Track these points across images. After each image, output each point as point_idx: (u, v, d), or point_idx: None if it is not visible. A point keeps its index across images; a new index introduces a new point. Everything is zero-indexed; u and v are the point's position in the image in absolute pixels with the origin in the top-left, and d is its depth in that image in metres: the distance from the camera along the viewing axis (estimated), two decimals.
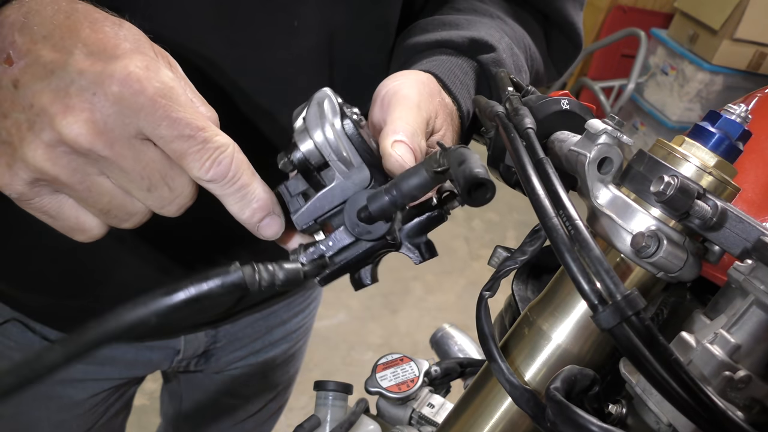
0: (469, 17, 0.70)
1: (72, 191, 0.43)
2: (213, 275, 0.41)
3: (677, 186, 0.41)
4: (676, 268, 0.44)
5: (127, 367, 0.93)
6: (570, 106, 0.54)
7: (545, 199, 0.38)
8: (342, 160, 0.48)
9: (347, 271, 0.49)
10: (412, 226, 0.50)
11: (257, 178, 0.45)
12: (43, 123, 0.40)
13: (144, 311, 0.39)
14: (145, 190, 0.43)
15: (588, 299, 0.35)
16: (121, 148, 0.41)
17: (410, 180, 0.44)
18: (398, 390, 0.75)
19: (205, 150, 0.42)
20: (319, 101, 0.48)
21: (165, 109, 0.40)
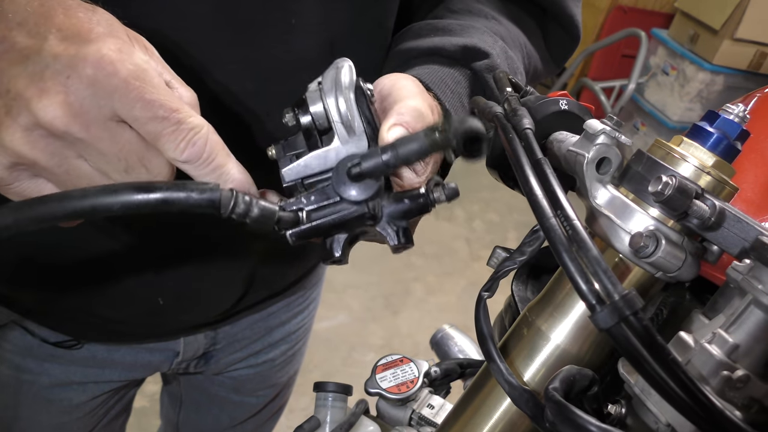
0: (462, 21, 0.70)
1: (51, 175, 0.43)
2: (191, 185, 0.40)
3: (675, 186, 0.41)
4: (675, 267, 0.44)
5: (127, 369, 0.93)
6: (568, 107, 0.54)
7: (543, 200, 0.38)
8: (346, 126, 0.48)
9: (321, 232, 0.48)
10: (395, 209, 0.49)
11: (232, 159, 0.45)
12: (20, 107, 0.41)
13: (111, 198, 0.38)
14: (122, 172, 0.44)
15: (586, 299, 0.35)
16: (97, 130, 0.41)
17: (408, 144, 0.44)
18: (398, 391, 0.75)
19: (179, 131, 0.42)
20: (339, 67, 0.49)
21: (138, 91, 0.41)
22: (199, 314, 0.88)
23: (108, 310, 0.81)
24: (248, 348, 1.04)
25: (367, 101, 0.50)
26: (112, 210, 0.38)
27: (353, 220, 0.48)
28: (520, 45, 0.72)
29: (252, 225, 0.43)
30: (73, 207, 0.37)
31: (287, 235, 0.47)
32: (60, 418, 0.92)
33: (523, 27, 0.75)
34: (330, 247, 0.49)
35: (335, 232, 0.49)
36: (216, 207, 0.41)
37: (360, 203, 0.47)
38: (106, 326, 0.84)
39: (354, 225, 0.48)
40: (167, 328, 0.90)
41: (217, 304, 0.87)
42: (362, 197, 0.46)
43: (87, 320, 0.82)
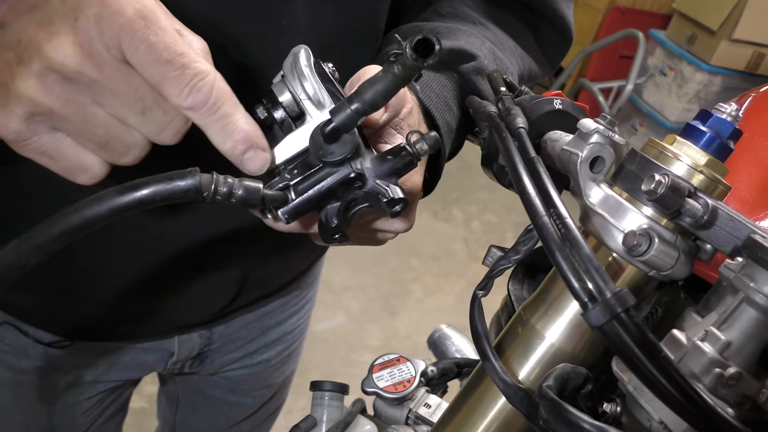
0: (449, 24, 0.70)
1: (68, 124, 0.43)
2: (170, 175, 0.40)
3: (668, 184, 0.42)
4: (668, 266, 0.44)
5: (122, 369, 0.93)
6: (563, 106, 0.54)
7: (536, 198, 0.38)
8: (314, 101, 0.48)
9: (312, 204, 0.48)
10: (382, 168, 0.49)
11: (240, 109, 0.44)
12: (32, 54, 0.40)
13: (99, 206, 0.38)
14: (139, 114, 0.43)
15: (578, 297, 0.35)
16: (110, 70, 0.41)
17: (371, 87, 0.44)
18: (395, 390, 0.75)
19: (184, 76, 0.41)
20: (295, 53, 0.50)
21: (144, 31, 0.40)
22: (193, 314, 0.88)
23: (102, 312, 0.81)
24: (243, 348, 1.03)
25: (330, 78, 0.50)
26: (102, 216, 0.38)
27: (340, 184, 0.48)
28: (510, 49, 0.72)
29: (239, 205, 0.43)
30: (63, 227, 0.38)
31: (280, 215, 0.47)
32: (55, 418, 0.92)
33: (512, 31, 0.75)
34: (325, 220, 0.49)
35: (326, 203, 0.49)
36: (198, 191, 0.40)
37: (342, 163, 0.47)
38: (100, 326, 0.84)
39: (343, 190, 0.48)
40: (161, 327, 0.90)
41: (211, 304, 0.87)
42: (342, 155, 0.46)
43: (80, 321, 0.82)
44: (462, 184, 3.72)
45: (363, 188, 0.49)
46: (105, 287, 0.78)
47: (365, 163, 0.49)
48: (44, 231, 0.38)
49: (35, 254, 0.38)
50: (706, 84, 3.90)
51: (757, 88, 0.74)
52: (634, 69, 4.00)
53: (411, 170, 0.50)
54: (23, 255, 0.37)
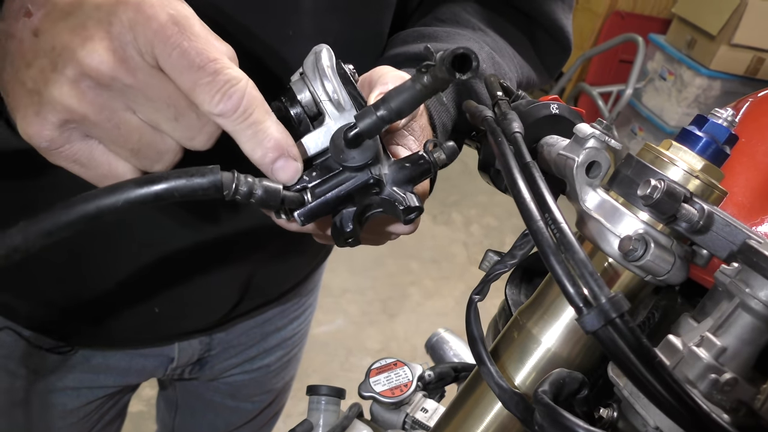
0: (449, 29, 0.70)
1: (101, 131, 0.42)
2: (191, 171, 0.40)
3: (664, 189, 0.42)
4: (664, 271, 0.44)
5: (121, 374, 0.93)
6: (559, 111, 0.54)
7: (531, 203, 0.38)
8: (335, 103, 0.48)
9: (328, 208, 0.47)
10: (399, 175, 0.49)
11: (272, 116, 0.44)
12: (65, 60, 0.40)
13: (115, 196, 0.38)
14: (172, 120, 0.43)
15: (573, 302, 0.35)
16: (143, 76, 0.41)
17: (398, 94, 0.44)
18: (392, 395, 0.75)
19: (215, 82, 0.41)
20: (317, 52, 0.50)
21: (177, 38, 0.40)
22: (194, 321, 0.88)
23: (103, 318, 0.81)
24: (243, 354, 1.03)
25: (350, 79, 0.50)
26: (117, 207, 0.38)
27: (358, 189, 0.48)
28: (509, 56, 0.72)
29: (258, 205, 0.43)
30: (77, 213, 0.37)
31: (296, 216, 0.47)
32: (54, 423, 0.92)
33: (511, 39, 0.75)
34: (340, 224, 0.49)
35: (342, 207, 0.48)
36: (219, 189, 0.40)
37: (362, 168, 0.47)
38: (100, 332, 0.84)
39: (360, 195, 0.48)
40: (162, 334, 0.90)
41: (213, 311, 0.87)
42: (363, 161, 0.46)
43: (81, 327, 0.82)
44: (461, 187, 3.72)
45: (380, 194, 0.49)
46: (107, 293, 0.78)
47: (383, 169, 0.49)
48: (56, 216, 0.37)
49: (43, 239, 0.37)
50: (706, 88, 3.90)
51: (755, 93, 0.74)
52: (634, 73, 4.00)
53: (427, 178, 0.50)
54: (30, 238, 0.37)
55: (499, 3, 0.76)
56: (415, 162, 0.49)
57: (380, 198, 0.49)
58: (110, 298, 0.78)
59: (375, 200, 0.49)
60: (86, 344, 0.87)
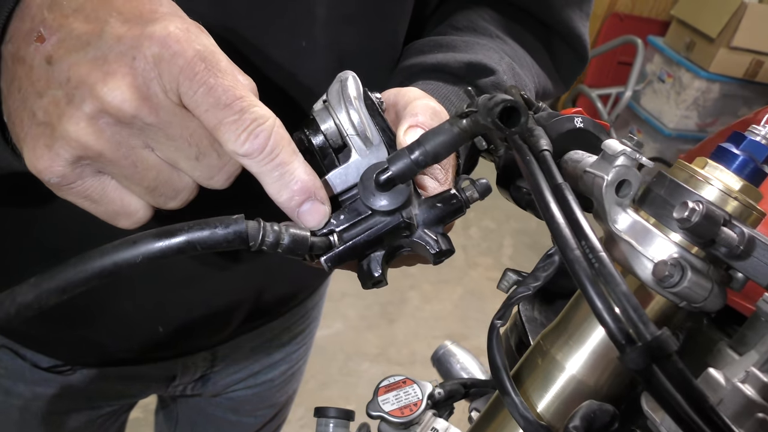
0: (466, 38, 0.68)
1: (117, 168, 0.40)
2: (213, 222, 0.38)
3: (703, 213, 0.39)
4: (701, 298, 0.41)
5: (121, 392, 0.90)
6: (584, 125, 0.52)
7: (566, 228, 0.35)
8: (362, 137, 0.46)
9: (356, 252, 0.45)
10: (429, 215, 0.47)
11: (299, 157, 0.42)
12: (83, 94, 0.37)
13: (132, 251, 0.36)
14: (193, 159, 0.41)
15: (614, 339, 0.33)
16: (166, 115, 0.39)
17: (435, 137, 0.41)
18: (401, 414, 0.72)
19: (242, 121, 0.39)
20: (342, 80, 0.47)
21: (203, 74, 0.38)
22: (199, 339, 0.86)
23: (105, 338, 0.78)
24: (247, 369, 1.00)
25: (378, 110, 0.48)
26: (136, 263, 0.36)
27: (388, 233, 0.45)
28: (528, 65, 0.70)
29: (284, 254, 0.41)
30: (93, 269, 0.35)
31: (322, 263, 0.44)
32: None
33: (529, 47, 0.72)
34: (368, 269, 0.46)
35: (371, 251, 0.46)
36: (244, 240, 0.38)
37: (393, 213, 0.44)
38: (101, 352, 0.81)
39: (390, 239, 0.46)
40: (165, 352, 0.87)
41: (218, 329, 0.85)
42: (394, 205, 0.44)
43: (80, 346, 0.79)
44: None
45: (410, 237, 0.46)
46: (108, 313, 0.75)
47: (413, 210, 0.46)
48: (70, 272, 0.35)
49: (56, 296, 0.35)
50: (705, 91, 3.89)
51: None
52: (633, 75, 3.98)
53: (459, 218, 0.48)
54: (43, 296, 0.35)
55: (515, 10, 0.73)
56: (447, 201, 0.47)
57: (410, 240, 0.47)
58: (112, 318, 0.75)
59: (404, 242, 0.47)
60: (86, 363, 0.84)
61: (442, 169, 0.49)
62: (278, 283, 0.84)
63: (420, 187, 0.49)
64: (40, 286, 0.34)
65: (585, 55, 0.76)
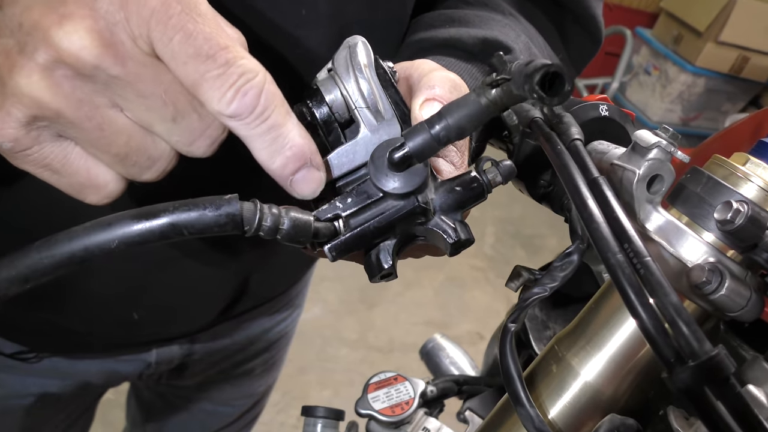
0: (480, 13, 0.63)
1: (80, 131, 0.35)
2: (202, 202, 0.33)
3: (748, 214, 0.36)
4: (738, 307, 0.38)
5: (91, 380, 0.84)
6: (609, 113, 0.48)
7: (607, 230, 0.31)
8: (372, 110, 0.40)
9: (365, 241, 0.40)
10: (447, 200, 0.41)
11: (293, 118, 0.36)
12: (36, 41, 0.32)
13: (106, 234, 0.31)
14: (169, 121, 0.35)
15: (663, 356, 0.29)
16: (135, 66, 0.33)
17: (459, 109, 0.36)
18: (392, 413, 0.69)
19: (227, 75, 0.33)
20: (351, 45, 0.41)
21: (180, 18, 0.32)
22: (177, 327, 0.81)
23: (74, 323, 0.72)
24: (226, 358, 0.96)
25: (390, 80, 0.42)
26: (111, 248, 0.31)
27: (402, 219, 0.39)
28: (540, 46, 0.65)
29: (284, 241, 0.35)
30: (60, 255, 0.30)
31: (326, 251, 0.39)
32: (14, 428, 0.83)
33: (541, 27, 0.68)
34: (377, 259, 0.41)
35: (381, 239, 0.40)
36: (238, 224, 0.33)
37: (407, 196, 0.39)
38: (69, 338, 0.75)
39: (403, 226, 0.40)
40: (139, 339, 0.82)
41: (198, 317, 0.80)
42: (410, 188, 0.38)
43: (49, 332, 0.74)
44: None
45: (426, 224, 0.41)
46: (77, 296, 0.69)
47: (430, 194, 0.40)
48: (33, 258, 0.30)
49: (17, 286, 0.30)
50: (690, 85, 3.90)
51: None
52: (621, 66, 3.97)
53: (479, 203, 0.42)
54: (1, 285, 0.30)
55: None
56: (468, 185, 0.41)
57: (425, 228, 0.41)
58: (81, 301, 0.70)
59: (418, 230, 0.41)
60: (53, 350, 0.78)
61: (458, 152, 0.44)
62: (264, 268, 0.80)
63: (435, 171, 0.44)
64: None
65: (599, 37, 0.72)
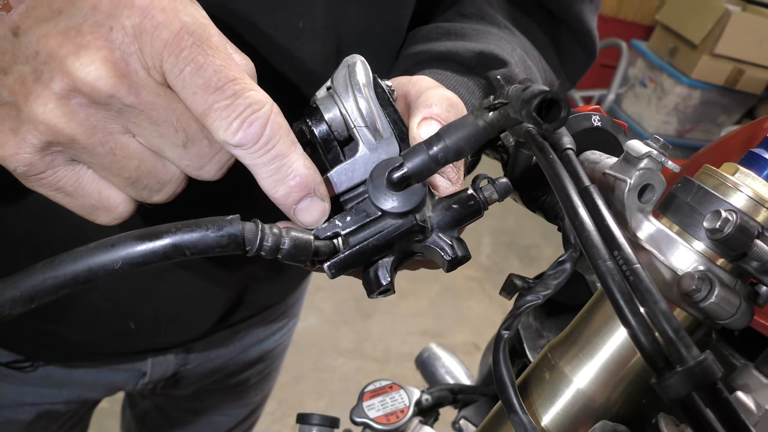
0: (476, 26, 0.64)
1: (92, 156, 0.36)
2: (205, 223, 0.34)
3: (736, 223, 0.36)
4: (728, 315, 0.38)
5: (86, 390, 0.84)
6: (602, 123, 0.49)
7: (597, 237, 0.32)
8: (371, 129, 0.41)
9: (364, 258, 0.40)
10: (444, 217, 0.42)
11: (298, 148, 0.37)
12: (53, 70, 0.33)
13: (110, 255, 0.31)
14: (180, 147, 0.37)
15: (652, 362, 0.29)
16: (148, 95, 0.34)
17: (457, 131, 0.37)
18: (387, 421, 0.69)
19: (234, 106, 0.34)
20: (350, 64, 0.42)
21: (191, 50, 0.33)
22: (173, 336, 0.81)
23: (70, 333, 0.72)
24: (222, 368, 0.96)
25: (389, 99, 0.43)
26: (115, 270, 0.31)
27: (400, 238, 0.40)
28: (536, 59, 0.66)
29: (284, 260, 0.36)
30: (64, 276, 0.31)
31: (326, 269, 0.40)
32: None
33: (537, 41, 0.68)
34: (375, 276, 0.41)
35: (379, 257, 0.41)
36: (240, 244, 0.34)
37: (406, 215, 0.40)
38: (65, 347, 0.75)
39: (401, 244, 0.41)
40: (134, 349, 0.82)
41: (194, 327, 0.80)
42: (408, 207, 0.39)
43: (45, 341, 0.74)
44: None
45: (423, 242, 0.41)
46: (76, 305, 0.70)
47: (427, 212, 0.41)
48: (38, 279, 0.30)
49: (22, 306, 0.31)
50: (686, 97, 3.92)
51: None
52: (617, 78, 4.00)
53: (476, 220, 0.43)
54: (6, 305, 0.30)
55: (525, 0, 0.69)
56: (464, 203, 0.42)
57: (423, 245, 0.42)
58: (79, 311, 0.70)
59: (416, 247, 0.42)
60: (49, 359, 0.78)
61: (455, 168, 0.45)
62: (260, 279, 0.80)
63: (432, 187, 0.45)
64: (2, 294, 0.30)
65: (594, 50, 0.73)
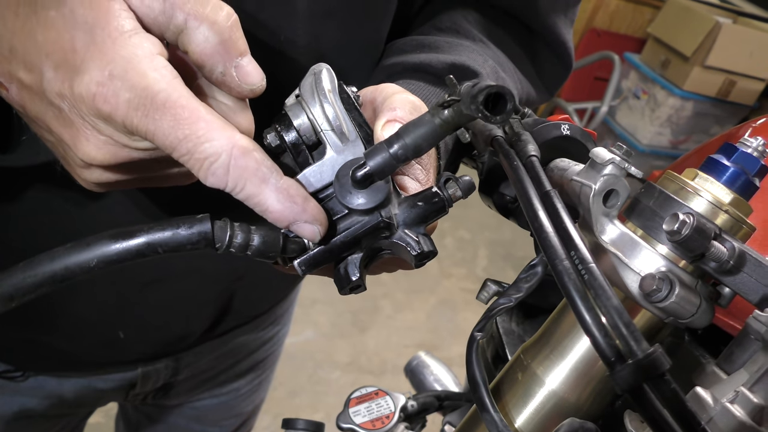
0: (450, 39, 0.66)
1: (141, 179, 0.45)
2: (176, 222, 0.36)
3: (693, 225, 0.38)
4: (689, 314, 0.40)
5: (77, 400, 0.84)
6: (571, 132, 0.50)
7: (555, 238, 0.34)
8: (337, 133, 0.43)
9: (333, 255, 0.43)
10: (410, 214, 0.44)
11: (269, 186, 0.38)
12: (68, 152, 0.41)
13: (85, 254, 0.34)
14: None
15: (604, 355, 0.31)
16: (145, 153, 0.40)
17: (415, 129, 0.39)
18: (372, 427, 0.70)
19: (193, 162, 0.37)
20: (316, 73, 0.45)
21: (141, 123, 0.36)
22: (162, 345, 0.81)
23: (60, 342, 0.73)
24: (212, 377, 0.96)
25: (354, 104, 0.45)
26: (90, 267, 0.34)
27: (367, 234, 0.42)
28: (510, 71, 0.68)
29: (254, 257, 0.38)
30: (42, 274, 0.33)
31: (296, 266, 0.42)
32: None
33: (510, 53, 0.70)
34: (345, 272, 0.43)
35: (348, 253, 0.43)
36: (210, 241, 0.36)
37: (371, 212, 0.42)
38: (55, 356, 0.76)
39: (368, 240, 0.43)
40: (124, 358, 0.82)
41: (183, 337, 0.81)
42: (373, 204, 0.41)
43: (35, 351, 0.75)
44: None
45: (390, 238, 0.43)
46: (64, 315, 0.71)
47: (393, 209, 0.43)
48: (17, 278, 0.32)
49: (2, 304, 0.32)
50: (679, 109, 3.95)
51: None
52: (610, 91, 4.03)
53: (441, 217, 0.45)
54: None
55: (500, 14, 0.71)
56: (429, 200, 0.44)
57: (390, 241, 0.44)
58: (68, 320, 0.71)
59: (384, 244, 0.44)
60: (39, 369, 0.79)
61: (423, 169, 0.47)
62: (248, 287, 0.81)
63: (400, 188, 0.46)
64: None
65: (569, 62, 0.75)
